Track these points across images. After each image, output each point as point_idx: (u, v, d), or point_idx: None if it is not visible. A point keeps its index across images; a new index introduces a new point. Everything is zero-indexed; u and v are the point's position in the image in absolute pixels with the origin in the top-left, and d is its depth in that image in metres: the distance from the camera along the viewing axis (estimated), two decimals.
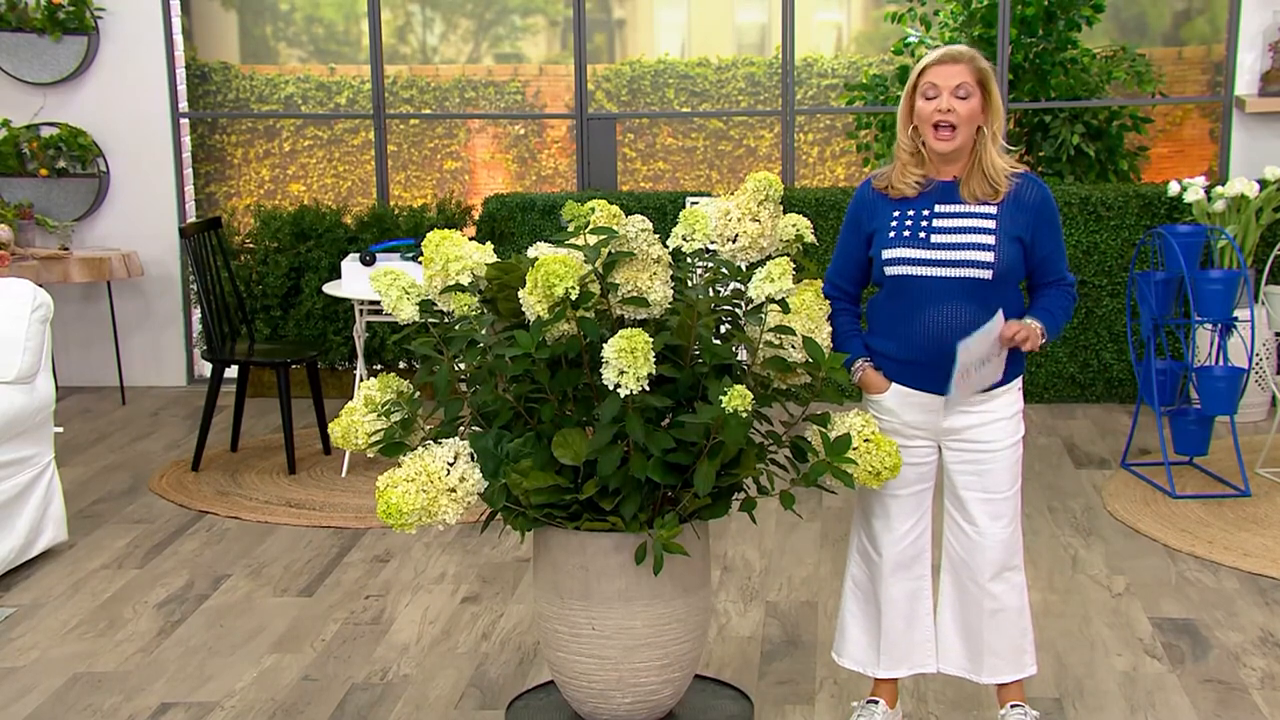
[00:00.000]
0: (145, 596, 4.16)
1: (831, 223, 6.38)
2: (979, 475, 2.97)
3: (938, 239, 2.88)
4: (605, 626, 2.84)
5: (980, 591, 3.01)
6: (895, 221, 2.92)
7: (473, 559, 4.45)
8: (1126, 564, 4.32)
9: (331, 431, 2.90)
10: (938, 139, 2.86)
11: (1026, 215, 2.89)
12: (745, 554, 4.45)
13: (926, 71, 2.88)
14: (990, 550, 2.99)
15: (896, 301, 2.93)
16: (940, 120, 2.85)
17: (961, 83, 2.85)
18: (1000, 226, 2.87)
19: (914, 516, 3.04)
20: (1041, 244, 2.91)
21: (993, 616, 3.02)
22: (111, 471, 5.54)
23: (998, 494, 2.97)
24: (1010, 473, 2.98)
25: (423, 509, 2.67)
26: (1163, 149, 8.37)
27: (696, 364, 2.83)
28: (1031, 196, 2.90)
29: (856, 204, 3.01)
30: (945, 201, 2.91)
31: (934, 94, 2.86)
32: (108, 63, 6.84)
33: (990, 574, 3.00)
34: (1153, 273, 5.12)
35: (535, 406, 2.82)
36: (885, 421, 2.99)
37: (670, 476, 2.73)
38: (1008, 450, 2.96)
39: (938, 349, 2.88)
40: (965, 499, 2.99)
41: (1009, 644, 3.05)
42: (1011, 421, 2.97)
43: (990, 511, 2.98)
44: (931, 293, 2.87)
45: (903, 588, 3.06)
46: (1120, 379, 6.36)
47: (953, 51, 2.87)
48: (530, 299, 2.69)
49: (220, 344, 5.48)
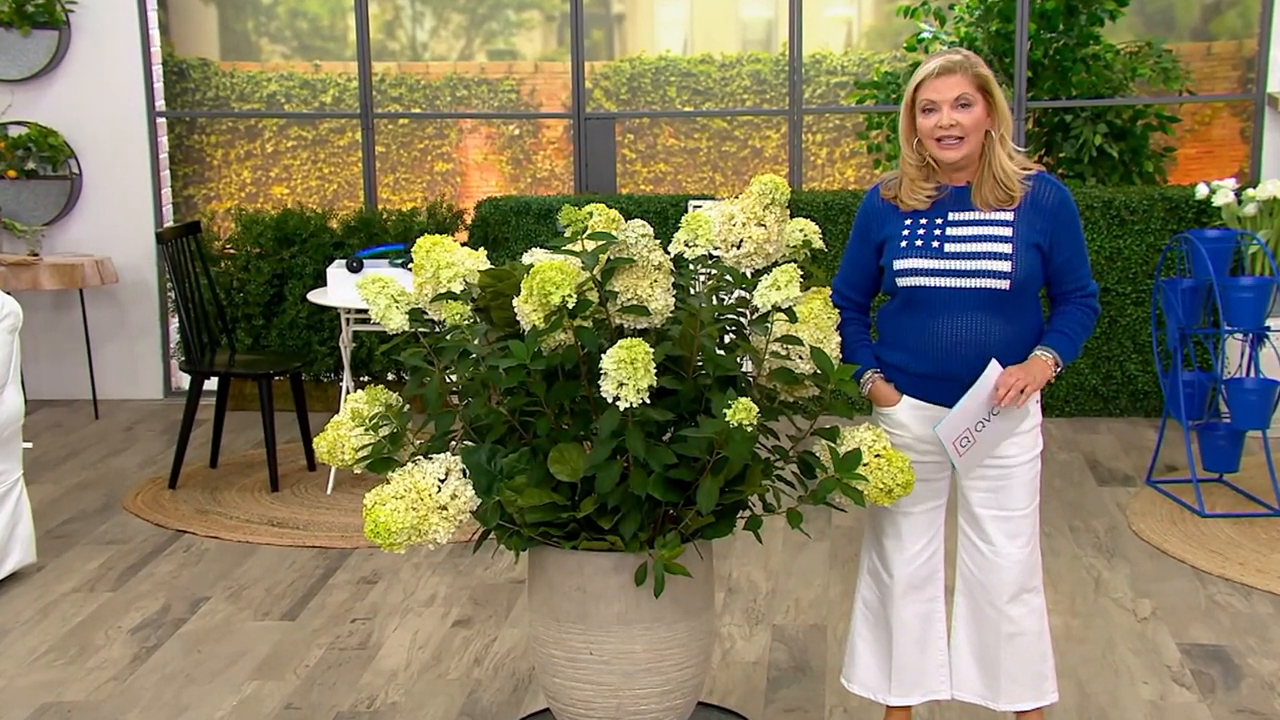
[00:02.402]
0: (118, 621, 4.17)
1: (841, 227, 6.41)
2: (995, 492, 2.98)
3: (951, 248, 2.89)
4: (604, 651, 2.85)
5: (997, 614, 3.02)
6: (907, 230, 2.93)
7: (465, 580, 4.46)
8: (1153, 587, 4.33)
9: (316, 446, 2.91)
10: (943, 149, 2.88)
11: (1044, 219, 2.90)
12: (750, 575, 4.47)
13: (923, 86, 2.87)
14: (1007, 571, 3.00)
15: (909, 313, 2.94)
16: (944, 135, 2.87)
17: (961, 93, 2.85)
18: (1017, 234, 2.88)
19: (926, 535, 3.06)
20: (1060, 249, 2.92)
21: (1010, 641, 3.03)
22: (83, 489, 5.56)
23: (1015, 511, 2.99)
24: (1028, 489, 2.99)
25: (412, 528, 2.68)
26: (1190, 150, 8.40)
27: (699, 376, 2.85)
28: (1049, 199, 2.91)
29: (865, 213, 3.02)
30: (959, 209, 2.92)
31: (933, 109, 2.87)
32: (80, 58, 6.87)
33: (1008, 596, 3.01)
34: (1180, 280, 5.14)
35: (530, 420, 2.84)
36: (896, 436, 3.00)
37: (672, 494, 2.75)
38: (1025, 465, 2.98)
39: (952, 362, 2.90)
40: (981, 517, 3.01)
41: (1028, 670, 3.06)
42: (1029, 436, 2.99)
43: (1007, 530, 2.99)
44: (945, 304, 2.88)
45: (915, 610, 3.08)
46: (1145, 391, 6.38)
47: (948, 63, 2.87)
48: (525, 308, 2.71)
49: (199, 355, 5.50)
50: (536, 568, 2.93)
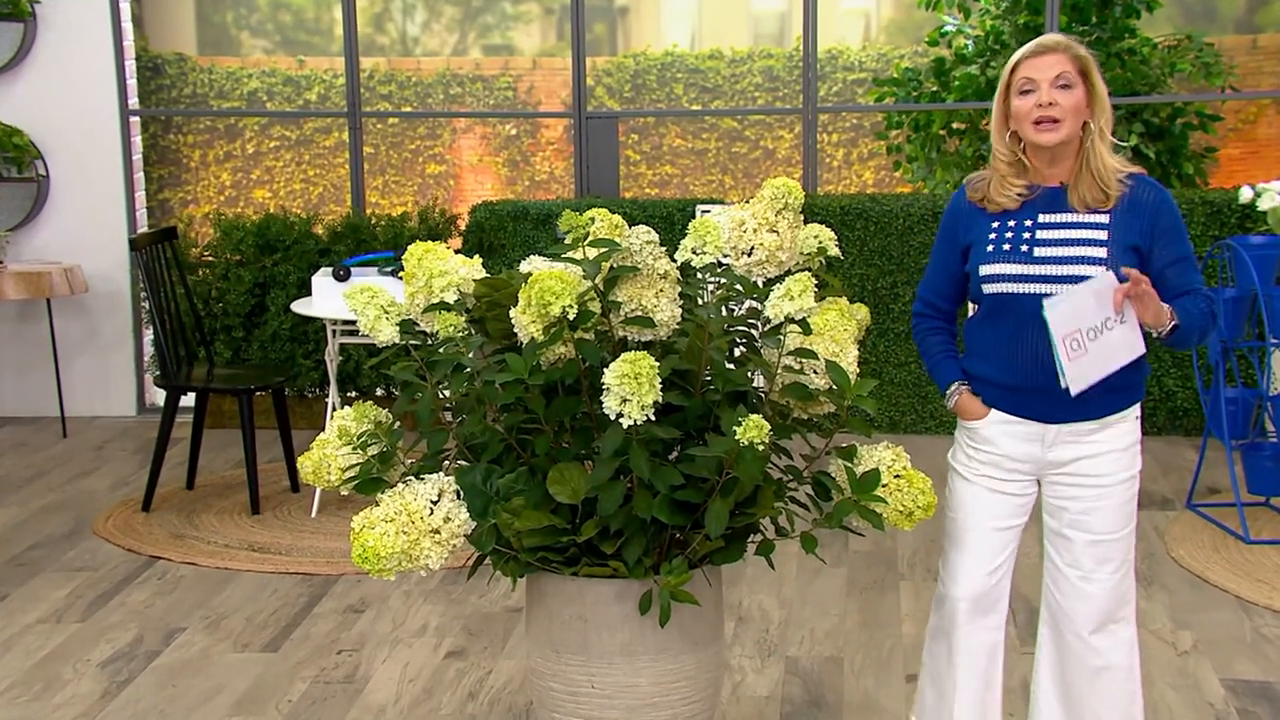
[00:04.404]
0: (88, 654, 4.19)
1: (858, 233, 6.43)
2: (1086, 514, 2.97)
3: (1041, 252, 2.89)
4: (606, 685, 2.86)
5: (1083, 646, 3.01)
6: (994, 234, 2.94)
7: (458, 609, 4.47)
8: (1194, 618, 4.34)
9: (301, 466, 2.93)
10: (1040, 132, 2.88)
11: (1143, 221, 2.89)
12: (762, 603, 4.48)
13: (1020, 66, 2.89)
14: (1096, 599, 2.98)
15: (996, 321, 2.95)
16: (1042, 116, 2.86)
17: (1061, 72, 2.86)
18: (1113, 236, 2.87)
19: (1000, 555, 3.03)
20: (1163, 252, 2.90)
21: (1097, 676, 3.01)
22: (50, 513, 5.58)
23: (1107, 536, 2.97)
24: (1122, 511, 2.97)
25: (403, 553, 2.70)
26: (1234, 150, 8.42)
27: (708, 391, 2.87)
28: (1149, 199, 2.90)
29: (951, 215, 3.04)
30: (1051, 210, 2.91)
31: (1031, 88, 2.87)
32: (47, 53, 6.91)
33: (1093, 626, 2.99)
34: (1222, 289, 5.16)
35: (528, 438, 2.85)
36: (982, 453, 3.01)
37: (678, 516, 2.76)
38: (1121, 486, 2.96)
39: (1042, 374, 2.89)
40: (1070, 539, 2.99)
41: (1116, 710, 3.03)
42: (1127, 454, 2.96)
43: (1097, 555, 2.97)
44: (1035, 312, 2.84)
45: (981, 639, 3.06)
46: (1185, 408, 6.39)
47: (1047, 41, 2.90)
48: (523, 319, 2.73)
49: (175, 369, 5.53)
50: (534, 595, 2.95)
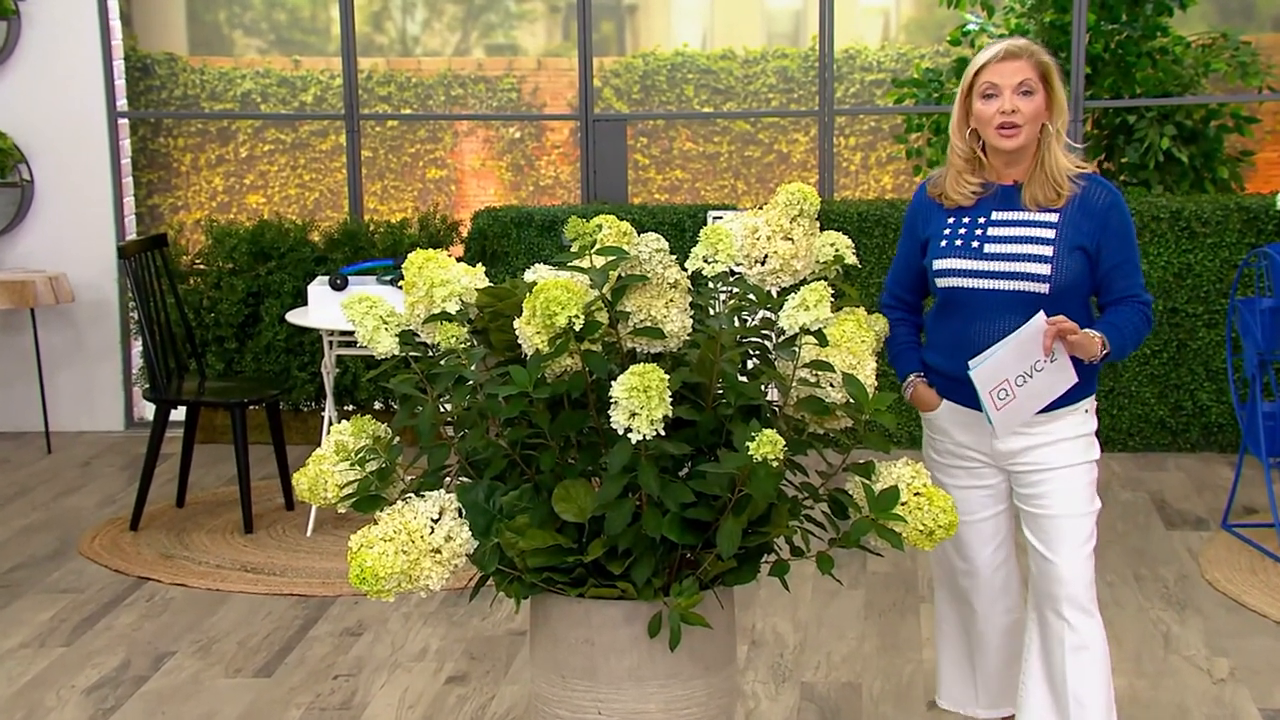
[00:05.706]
0: (72, 680, 4.20)
1: (876, 240, 6.45)
2: (1043, 495, 3.13)
3: (991, 249, 3.09)
4: (614, 711, 2.87)
5: (1060, 623, 3.14)
6: (949, 229, 3.16)
7: (459, 632, 4.48)
8: (1230, 644, 4.33)
9: (296, 483, 2.94)
10: (1001, 136, 3.06)
11: (1092, 222, 3.07)
12: (777, 626, 4.48)
13: (984, 70, 3.09)
14: (1064, 580, 3.12)
15: (948, 314, 3.16)
16: (1004, 121, 3.06)
17: (1024, 79, 3.06)
18: (1060, 235, 3.06)
19: (992, 543, 3.25)
20: (1109, 254, 3.08)
21: (1076, 655, 3.13)
22: (34, 532, 5.59)
23: (1065, 514, 3.12)
24: (1081, 495, 3.13)
25: (402, 573, 2.71)
26: (1271, 154, 8.41)
27: (719, 405, 2.87)
28: (1099, 200, 3.09)
29: (913, 209, 3.27)
30: (1004, 208, 3.12)
31: (994, 93, 3.07)
32: (31, 53, 6.94)
33: (1065, 604, 3.13)
34: (1258, 299, 5.16)
35: (533, 454, 2.86)
36: (940, 443, 3.23)
37: (689, 535, 2.77)
38: (1077, 469, 3.13)
39: None
40: (1034, 517, 3.16)
41: (1098, 695, 3.13)
42: (1079, 442, 3.13)
43: (1058, 532, 3.13)
44: (983, 306, 3.09)
45: (1000, 623, 3.31)
46: (1220, 424, 6.38)
47: (1012, 47, 3.09)
48: (528, 330, 2.74)
49: (165, 381, 5.55)
50: (539, 618, 2.95)
